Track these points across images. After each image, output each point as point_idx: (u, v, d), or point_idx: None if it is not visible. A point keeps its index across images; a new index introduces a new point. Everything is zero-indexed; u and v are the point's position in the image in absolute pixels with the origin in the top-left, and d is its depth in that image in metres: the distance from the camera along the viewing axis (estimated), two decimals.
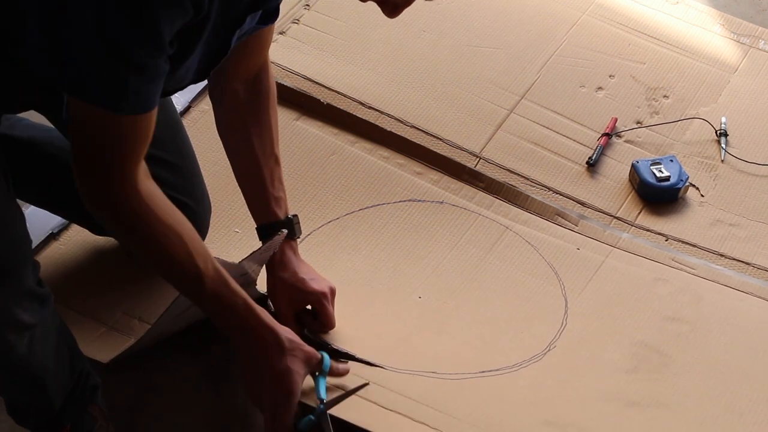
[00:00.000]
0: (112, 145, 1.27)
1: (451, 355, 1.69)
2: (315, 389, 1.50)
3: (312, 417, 1.48)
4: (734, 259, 1.92)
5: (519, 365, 1.68)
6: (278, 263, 1.62)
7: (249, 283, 1.64)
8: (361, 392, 1.54)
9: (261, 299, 1.66)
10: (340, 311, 1.65)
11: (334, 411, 1.50)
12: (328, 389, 1.51)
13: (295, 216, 1.64)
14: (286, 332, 1.48)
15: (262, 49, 1.59)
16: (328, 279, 1.65)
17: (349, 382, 1.56)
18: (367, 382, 1.56)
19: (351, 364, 1.59)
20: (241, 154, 1.62)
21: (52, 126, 1.69)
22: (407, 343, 1.70)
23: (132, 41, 1.18)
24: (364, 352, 1.62)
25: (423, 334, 1.73)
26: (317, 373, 1.51)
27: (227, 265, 1.47)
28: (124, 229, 1.36)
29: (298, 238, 1.65)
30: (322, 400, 1.49)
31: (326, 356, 1.52)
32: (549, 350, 1.71)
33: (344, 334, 1.65)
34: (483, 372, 1.65)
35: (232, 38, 1.37)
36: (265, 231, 1.63)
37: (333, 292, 1.63)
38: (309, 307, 1.65)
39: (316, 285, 1.62)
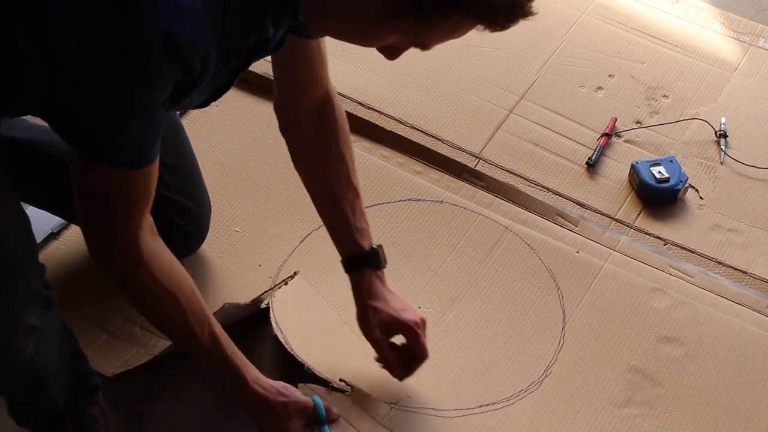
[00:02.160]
0: (116, 201, 1.27)
1: (451, 385, 1.70)
2: None
3: None
4: (731, 267, 1.92)
5: (516, 396, 1.70)
6: (367, 293, 1.59)
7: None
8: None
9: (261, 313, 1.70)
10: (338, 328, 1.66)
11: None
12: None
13: (380, 246, 1.61)
14: (276, 395, 1.50)
15: (313, 73, 1.54)
16: (415, 309, 1.63)
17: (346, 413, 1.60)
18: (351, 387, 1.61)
19: (359, 397, 1.62)
20: (319, 191, 1.60)
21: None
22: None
23: (120, 100, 1.17)
24: (368, 386, 1.64)
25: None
26: (318, 423, 1.54)
27: (235, 309, 1.52)
28: (120, 285, 1.37)
29: (384, 267, 1.61)
30: None
31: (318, 401, 1.54)
32: (546, 377, 1.73)
33: (346, 365, 1.66)
34: (480, 406, 1.68)
35: (235, 79, 1.36)
36: (352, 262, 1.60)
37: (424, 323, 1.61)
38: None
39: (409, 315, 1.60)
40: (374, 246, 1.60)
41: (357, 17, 1.18)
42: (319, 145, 1.58)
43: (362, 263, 1.59)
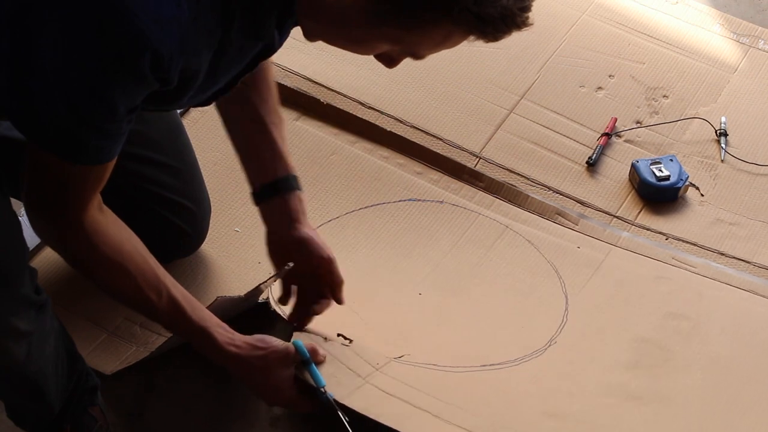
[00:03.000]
0: (65, 188, 1.27)
1: (452, 348, 1.69)
2: (313, 379, 1.50)
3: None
4: (734, 257, 1.92)
5: (520, 359, 1.68)
6: (302, 212, 1.58)
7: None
8: (364, 378, 1.55)
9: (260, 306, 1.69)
10: (338, 308, 1.66)
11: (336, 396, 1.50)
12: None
13: None
14: (252, 350, 1.48)
15: None
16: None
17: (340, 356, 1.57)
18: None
19: (359, 347, 1.59)
20: (241, 113, 1.57)
21: None
22: (407, 335, 1.70)
23: (90, 107, 1.17)
24: (364, 343, 1.62)
25: (423, 327, 1.73)
26: (303, 364, 1.51)
27: (230, 302, 1.53)
28: (73, 264, 1.38)
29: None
30: (323, 388, 1.50)
31: (299, 344, 1.51)
32: (550, 345, 1.71)
33: (344, 324, 1.65)
34: (484, 366, 1.66)
35: (238, 81, 1.35)
36: (277, 186, 1.58)
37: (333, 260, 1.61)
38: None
39: (325, 251, 1.59)
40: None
41: (348, 23, 1.18)
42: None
43: (294, 185, 1.58)
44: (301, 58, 2.18)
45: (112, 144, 1.24)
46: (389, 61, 1.26)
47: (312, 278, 1.61)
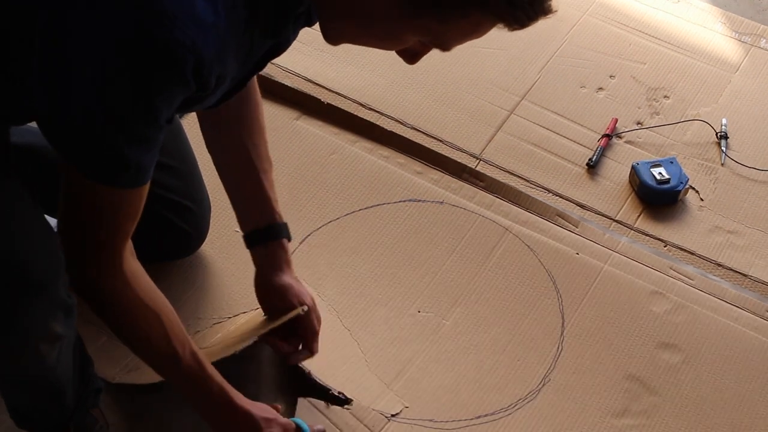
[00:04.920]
0: (101, 218, 1.25)
1: (449, 394, 1.70)
2: None
3: None
4: (731, 269, 1.92)
5: (514, 406, 1.69)
6: (282, 263, 1.60)
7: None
8: None
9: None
10: (339, 333, 1.67)
11: None
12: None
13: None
14: (262, 411, 1.49)
15: None
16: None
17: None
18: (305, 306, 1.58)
19: (359, 408, 1.61)
20: (234, 160, 1.59)
21: None
22: (405, 379, 1.71)
23: (134, 116, 1.15)
24: (367, 395, 1.64)
25: (421, 364, 1.73)
26: None
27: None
28: (100, 305, 1.34)
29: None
30: None
31: (303, 425, 1.53)
32: (544, 384, 1.72)
33: (341, 370, 1.66)
34: (479, 417, 1.67)
35: (248, 81, 1.36)
36: (264, 234, 1.61)
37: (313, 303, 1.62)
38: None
39: (303, 299, 1.60)
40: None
41: (377, 18, 1.16)
42: (241, 117, 1.57)
43: (282, 231, 1.60)
44: (301, 59, 2.18)
45: (150, 160, 1.21)
46: (412, 56, 1.24)
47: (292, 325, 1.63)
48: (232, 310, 1.76)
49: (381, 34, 1.20)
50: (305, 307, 1.58)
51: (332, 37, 1.23)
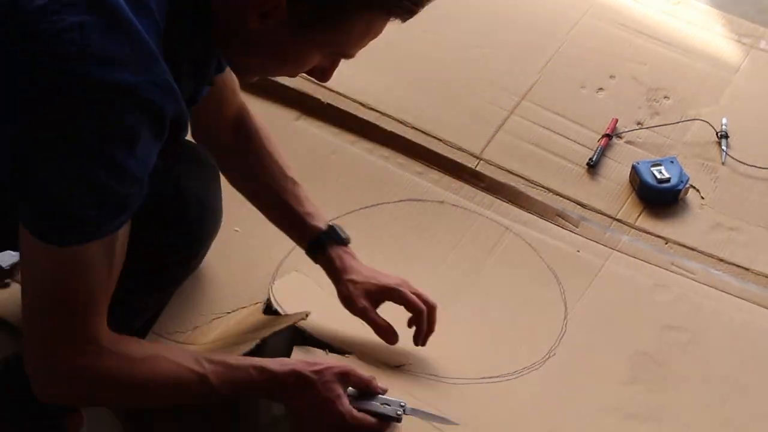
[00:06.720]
0: (75, 294, 1.18)
1: (452, 359, 1.68)
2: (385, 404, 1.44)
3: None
4: (734, 264, 1.92)
5: (519, 372, 1.67)
6: (341, 269, 1.58)
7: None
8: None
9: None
10: (339, 315, 1.65)
11: None
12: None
13: (337, 225, 1.61)
14: (305, 365, 1.40)
15: (232, 94, 1.58)
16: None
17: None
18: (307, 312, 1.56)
19: (361, 355, 1.58)
20: (258, 191, 1.62)
21: None
22: (407, 343, 1.70)
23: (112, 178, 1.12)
24: (365, 355, 1.61)
25: (422, 349, 1.70)
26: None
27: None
28: (95, 390, 1.28)
29: (349, 243, 1.61)
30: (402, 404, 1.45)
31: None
32: (549, 358, 1.71)
33: (343, 336, 1.64)
34: (483, 378, 1.65)
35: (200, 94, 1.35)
36: (314, 245, 1.60)
37: (406, 282, 1.60)
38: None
39: (389, 279, 1.59)
40: (330, 224, 1.60)
41: (272, 46, 1.19)
42: (245, 152, 1.60)
43: (325, 242, 1.59)
44: None
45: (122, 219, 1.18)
46: (322, 73, 1.27)
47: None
48: (232, 305, 1.76)
49: (284, 59, 1.22)
50: (307, 312, 1.57)
51: (243, 73, 1.29)
